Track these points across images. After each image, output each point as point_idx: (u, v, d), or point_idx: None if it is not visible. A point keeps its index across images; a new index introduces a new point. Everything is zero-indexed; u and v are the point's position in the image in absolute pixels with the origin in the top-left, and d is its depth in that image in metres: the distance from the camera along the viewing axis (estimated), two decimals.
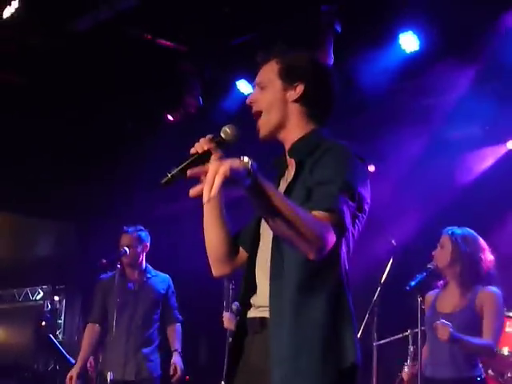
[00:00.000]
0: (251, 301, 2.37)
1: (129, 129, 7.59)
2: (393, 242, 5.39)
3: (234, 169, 1.89)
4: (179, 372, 5.30)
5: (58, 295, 9.28)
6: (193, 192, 1.93)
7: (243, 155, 1.98)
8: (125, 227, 5.45)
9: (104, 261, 5.49)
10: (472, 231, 4.29)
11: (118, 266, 5.28)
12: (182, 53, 6.54)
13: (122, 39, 6.26)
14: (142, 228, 5.49)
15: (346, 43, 5.95)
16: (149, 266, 5.49)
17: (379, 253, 5.72)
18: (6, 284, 9.54)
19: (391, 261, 5.27)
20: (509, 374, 4.95)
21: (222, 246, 2.51)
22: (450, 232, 4.25)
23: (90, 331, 5.39)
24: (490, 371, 4.71)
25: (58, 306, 9.24)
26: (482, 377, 4.16)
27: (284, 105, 2.40)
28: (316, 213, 2.11)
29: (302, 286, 2.20)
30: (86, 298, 8.22)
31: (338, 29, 5.84)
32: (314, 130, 2.41)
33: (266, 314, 2.26)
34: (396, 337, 5.51)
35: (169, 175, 2.30)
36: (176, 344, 5.42)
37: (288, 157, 2.43)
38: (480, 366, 4.14)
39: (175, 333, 5.46)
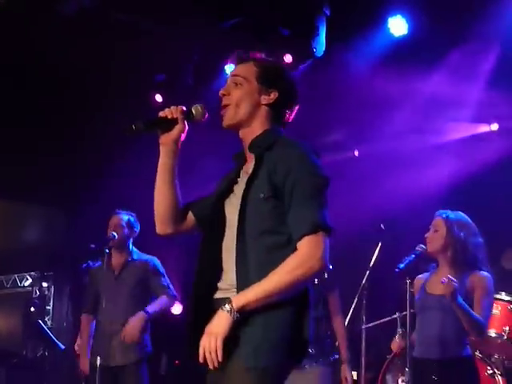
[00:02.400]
0: (218, 282, 2.57)
1: (115, 114, 7.55)
2: (381, 225, 5.40)
3: (225, 333, 2.36)
4: (128, 331, 5.04)
5: (47, 281, 9.25)
6: None
7: None
8: (117, 210, 5.43)
9: (92, 246, 5.48)
10: (465, 215, 4.30)
11: (107, 251, 5.26)
12: (171, 36, 6.51)
13: (108, 23, 6.22)
14: (133, 214, 5.46)
15: (335, 27, 5.95)
16: (135, 249, 5.45)
17: (368, 237, 5.74)
18: None
19: (380, 245, 5.29)
20: (496, 356, 5.01)
21: (168, 209, 2.73)
22: (444, 215, 4.24)
23: (86, 322, 5.41)
24: (477, 353, 4.75)
25: (46, 292, 9.22)
26: (471, 357, 4.19)
27: (255, 105, 2.63)
28: (304, 239, 2.40)
29: (268, 268, 2.41)
30: (75, 284, 8.23)
31: (328, 12, 5.84)
32: (272, 128, 2.64)
33: (231, 295, 2.46)
34: (385, 320, 5.56)
35: (132, 126, 2.52)
36: (149, 306, 5.18)
37: (248, 152, 2.65)
38: (468, 346, 4.17)
39: (157, 299, 5.27)
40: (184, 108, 2.65)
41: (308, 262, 2.38)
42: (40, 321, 7.70)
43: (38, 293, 9.04)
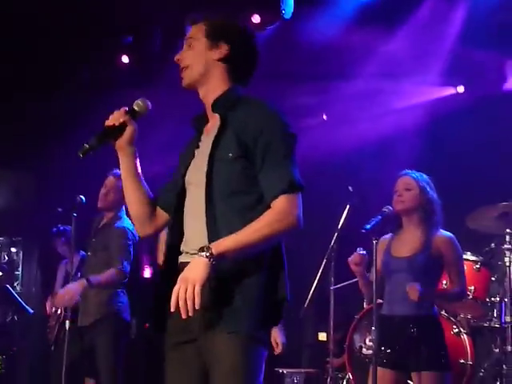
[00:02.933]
0: (182, 247, 2.55)
1: (84, 77, 7.46)
2: (350, 188, 5.42)
3: (204, 279, 2.27)
4: (59, 296, 4.96)
5: (15, 247, 9.19)
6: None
7: None
8: (115, 170, 5.26)
9: (59, 209, 5.42)
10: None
11: (74, 215, 5.19)
12: None
13: None
14: None
15: None
16: (121, 215, 5.29)
17: (336, 199, 5.77)
18: None
19: (348, 207, 5.32)
20: (461, 315, 5.09)
21: (143, 209, 2.72)
22: (414, 175, 4.27)
23: None
24: (442, 312, 4.82)
25: (15, 257, 9.16)
26: (437, 316, 4.26)
27: (207, 62, 2.59)
28: (281, 197, 2.39)
29: (239, 229, 2.38)
30: (44, 249, 8.18)
31: None
32: (233, 86, 2.61)
33: None
34: (352, 281, 5.60)
35: (86, 146, 2.52)
36: (94, 276, 4.95)
37: (212, 112, 2.61)
38: (435, 306, 4.23)
39: (107, 270, 5.00)
40: (126, 109, 2.64)
41: (287, 218, 2.38)
42: (8, 286, 7.68)
43: (6, 258, 8.97)
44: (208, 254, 2.29)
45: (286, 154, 2.43)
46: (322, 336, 6.28)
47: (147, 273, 8.05)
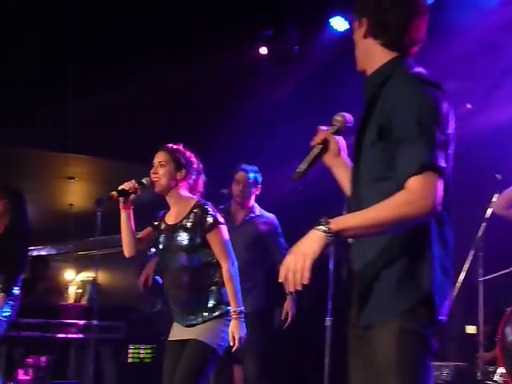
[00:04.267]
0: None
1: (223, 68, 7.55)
2: (498, 176, 5.24)
3: (316, 254, 2.15)
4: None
5: None
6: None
7: None
8: (243, 165, 5.41)
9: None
10: None
11: (221, 207, 5.29)
12: None
13: None
14: (258, 170, 5.43)
15: None
16: (256, 206, 5.44)
17: (483, 187, 5.59)
18: (110, 230, 9.75)
19: (497, 196, 5.16)
20: None
21: None
22: None
23: None
24: None
25: None
26: None
27: (361, 43, 2.51)
28: (412, 180, 2.19)
29: None
30: None
31: None
32: (391, 59, 2.46)
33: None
34: (503, 271, 5.41)
35: (299, 171, 2.61)
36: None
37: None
38: None
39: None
40: (326, 128, 2.71)
41: (419, 201, 2.16)
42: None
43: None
44: (325, 229, 2.16)
45: (419, 133, 2.21)
46: (471, 329, 6.09)
47: None
